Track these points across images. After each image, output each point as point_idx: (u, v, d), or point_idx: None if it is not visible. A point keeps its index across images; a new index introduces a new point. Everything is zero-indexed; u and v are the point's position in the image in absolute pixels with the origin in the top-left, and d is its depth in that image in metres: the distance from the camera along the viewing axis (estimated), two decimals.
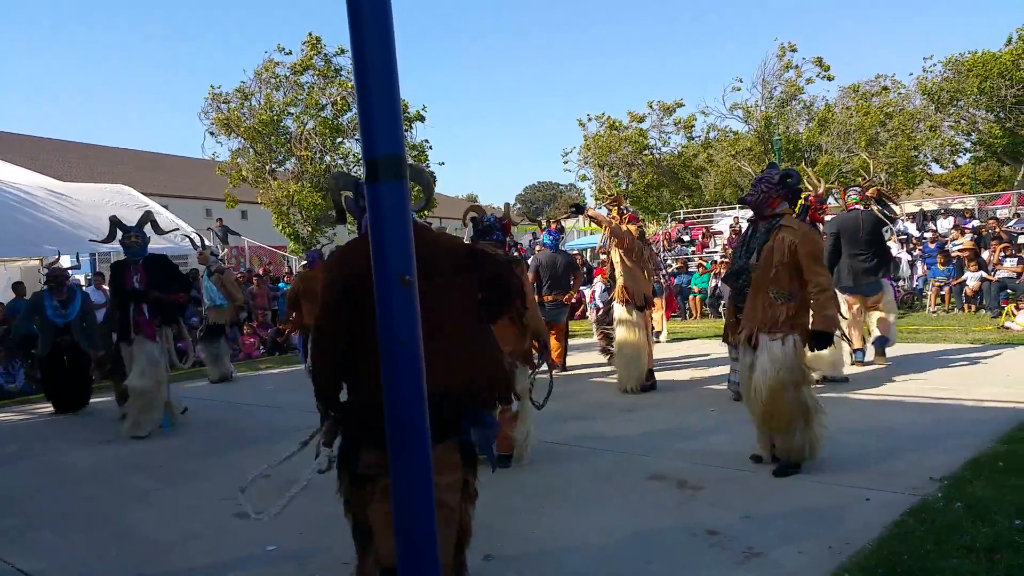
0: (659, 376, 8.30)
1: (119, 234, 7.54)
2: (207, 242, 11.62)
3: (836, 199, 9.79)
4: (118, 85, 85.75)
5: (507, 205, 6.86)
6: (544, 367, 5.26)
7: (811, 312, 4.67)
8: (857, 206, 8.34)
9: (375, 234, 2.32)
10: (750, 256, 4.85)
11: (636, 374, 7.77)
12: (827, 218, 8.62)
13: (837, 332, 7.34)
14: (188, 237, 10.52)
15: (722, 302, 14.24)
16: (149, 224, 7.78)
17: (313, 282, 8.60)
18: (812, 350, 4.75)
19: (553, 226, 10.13)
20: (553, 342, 8.58)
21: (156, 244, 8.39)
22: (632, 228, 7.99)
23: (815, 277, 4.59)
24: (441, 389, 2.76)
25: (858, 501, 4.16)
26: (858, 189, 8.60)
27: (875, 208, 8.37)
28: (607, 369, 9.27)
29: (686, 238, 22.25)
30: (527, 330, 4.76)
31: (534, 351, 5.18)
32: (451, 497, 2.89)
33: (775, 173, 4.89)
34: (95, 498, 5.29)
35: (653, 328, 9.30)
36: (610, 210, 8.41)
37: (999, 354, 8.90)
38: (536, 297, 8.20)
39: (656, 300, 9.18)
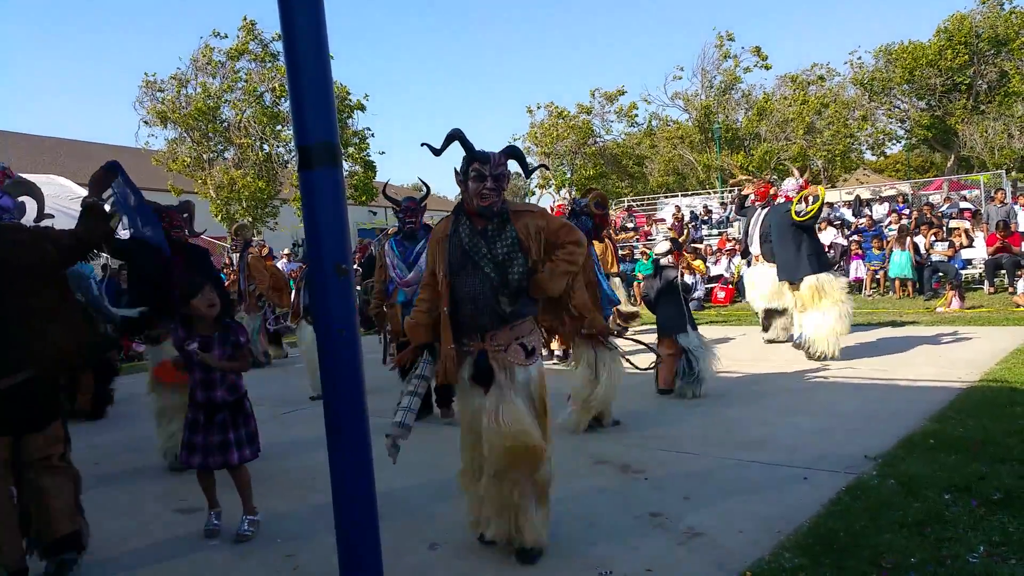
0: None
1: None
2: None
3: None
4: (45, 71, 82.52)
5: (596, 193, 6.56)
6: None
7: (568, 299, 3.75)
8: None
9: (309, 223, 2.28)
10: (488, 259, 3.42)
11: None
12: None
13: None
14: None
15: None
16: None
17: None
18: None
19: None
20: None
21: None
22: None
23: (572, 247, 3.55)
24: (48, 363, 3.34)
25: (796, 480, 4.27)
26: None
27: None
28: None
29: (630, 225, 22.46)
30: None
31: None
32: (66, 461, 3.55)
33: (503, 159, 3.49)
34: None
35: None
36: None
37: (931, 336, 9.19)
38: None
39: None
